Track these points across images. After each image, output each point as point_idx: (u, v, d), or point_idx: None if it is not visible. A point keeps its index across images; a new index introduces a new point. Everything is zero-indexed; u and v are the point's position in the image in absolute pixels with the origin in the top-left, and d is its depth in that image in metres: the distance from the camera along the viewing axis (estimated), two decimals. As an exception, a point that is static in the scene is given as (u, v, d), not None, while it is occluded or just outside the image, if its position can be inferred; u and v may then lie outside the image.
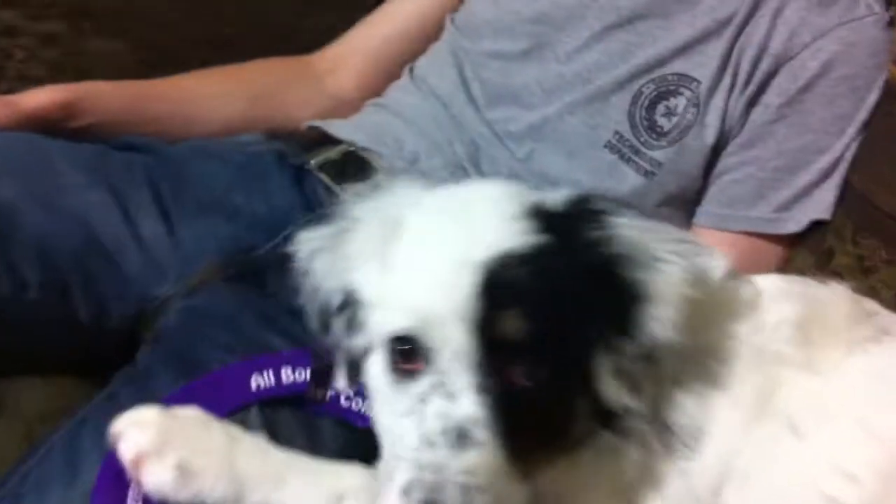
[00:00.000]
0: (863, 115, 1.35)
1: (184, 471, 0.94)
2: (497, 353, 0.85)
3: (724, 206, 1.36)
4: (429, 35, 1.60)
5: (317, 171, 1.42)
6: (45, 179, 1.23)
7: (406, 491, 0.81)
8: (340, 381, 0.99)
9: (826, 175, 1.35)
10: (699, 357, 0.94)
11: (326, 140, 1.48)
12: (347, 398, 1.09)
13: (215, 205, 1.33)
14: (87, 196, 1.25)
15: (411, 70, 1.57)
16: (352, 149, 1.45)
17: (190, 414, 0.98)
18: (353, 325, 0.95)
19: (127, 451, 0.94)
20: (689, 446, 0.93)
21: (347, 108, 1.55)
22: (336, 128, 1.48)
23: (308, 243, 1.00)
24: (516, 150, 1.41)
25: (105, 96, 1.39)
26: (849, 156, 1.36)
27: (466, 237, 0.90)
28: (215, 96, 1.51)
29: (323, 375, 1.09)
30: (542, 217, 0.91)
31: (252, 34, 2.02)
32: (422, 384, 0.87)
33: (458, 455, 0.82)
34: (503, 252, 0.87)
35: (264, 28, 2.07)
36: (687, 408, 0.93)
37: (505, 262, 0.86)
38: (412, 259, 0.92)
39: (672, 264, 0.90)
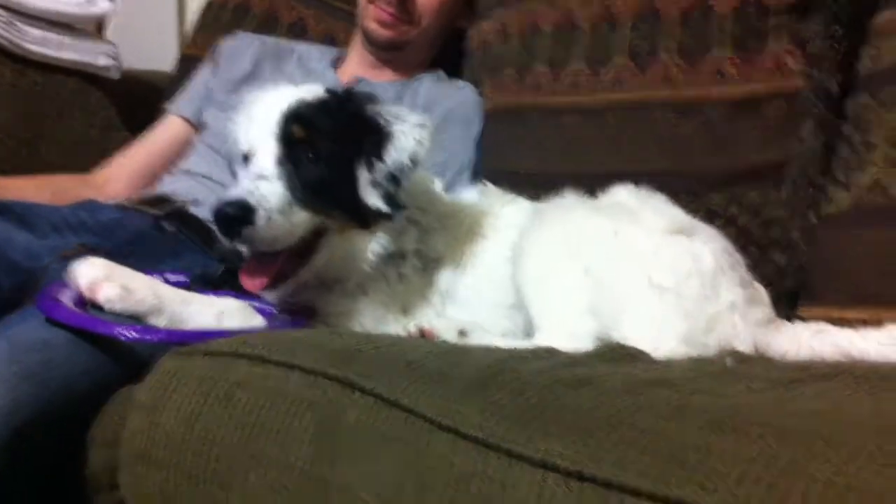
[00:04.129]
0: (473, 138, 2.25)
1: (126, 289, 1.46)
2: (289, 147, 1.53)
3: None
4: (174, 155, 2.39)
5: (130, 204, 2.03)
6: None
7: (220, 205, 1.43)
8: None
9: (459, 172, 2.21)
10: (437, 218, 1.73)
11: None
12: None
13: (62, 224, 1.87)
14: None
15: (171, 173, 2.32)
16: (153, 194, 2.08)
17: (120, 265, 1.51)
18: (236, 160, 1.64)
19: (84, 278, 1.46)
20: (435, 265, 1.69)
21: None
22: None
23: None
24: None
25: None
26: (471, 161, 2.23)
27: (281, 98, 1.59)
28: (27, 190, 2.15)
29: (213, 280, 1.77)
30: (333, 93, 1.63)
31: (64, 152, 2.58)
32: (249, 167, 1.53)
33: (253, 182, 1.48)
34: (298, 100, 1.57)
35: (74, 147, 2.60)
36: (434, 244, 1.70)
37: (298, 104, 1.56)
38: (254, 113, 1.61)
39: (411, 124, 1.59)
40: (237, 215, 1.42)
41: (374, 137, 1.57)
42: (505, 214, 1.79)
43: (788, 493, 0.79)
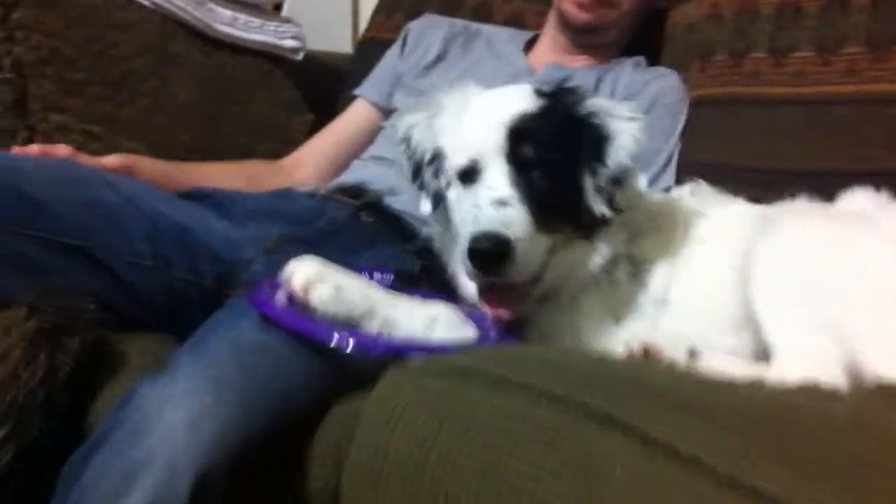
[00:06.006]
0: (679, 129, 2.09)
1: (339, 290, 1.38)
2: (520, 166, 1.42)
3: None
4: (365, 141, 2.30)
5: (326, 193, 1.94)
6: (140, 193, 1.71)
7: (474, 239, 1.34)
8: (426, 207, 1.58)
9: (666, 165, 2.05)
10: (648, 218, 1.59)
11: None
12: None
13: (260, 212, 1.82)
14: (173, 203, 1.76)
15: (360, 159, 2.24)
16: (349, 182, 2.05)
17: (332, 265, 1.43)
18: (437, 172, 1.54)
19: (298, 279, 1.37)
20: (647, 270, 1.55)
21: None
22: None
23: (408, 121, 1.62)
24: None
25: (148, 166, 1.93)
26: (676, 153, 2.07)
27: (499, 107, 1.49)
28: (222, 176, 2.10)
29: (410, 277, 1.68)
30: (542, 93, 1.51)
31: (248, 134, 2.53)
32: (477, 188, 1.44)
33: (500, 210, 1.38)
34: (520, 112, 1.46)
35: (258, 128, 2.56)
36: (645, 246, 1.56)
37: (521, 117, 1.46)
38: (471, 123, 1.50)
39: (625, 119, 1.49)
40: (497, 251, 1.34)
41: (593, 140, 1.47)
42: (724, 217, 1.65)
43: None
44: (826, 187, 1.63)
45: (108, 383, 1.41)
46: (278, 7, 3.13)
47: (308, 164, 2.30)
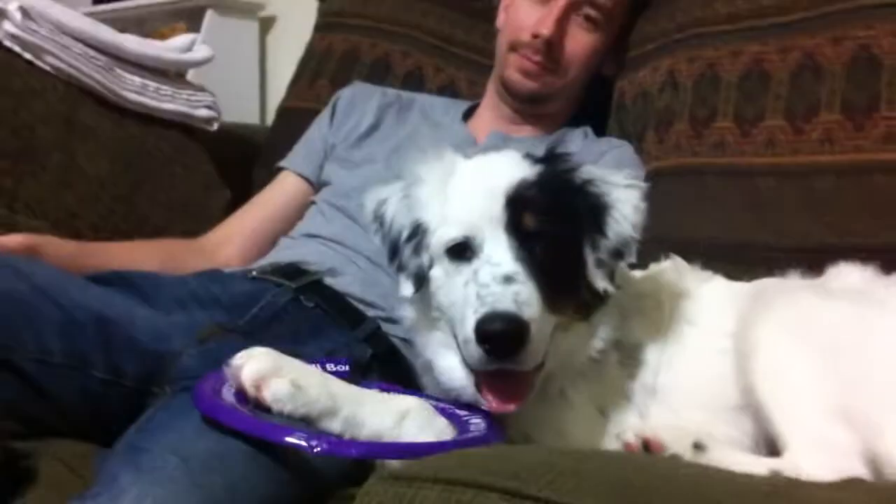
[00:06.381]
0: None
1: (296, 385, 1.21)
2: (522, 238, 1.29)
3: None
4: (292, 217, 2.11)
5: (260, 274, 1.73)
6: (53, 282, 1.49)
7: (485, 320, 1.19)
8: (407, 290, 1.39)
9: None
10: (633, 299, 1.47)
11: None
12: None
13: (188, 298, 1.63)
14: (89, 291, 1.54)
15: (289, 236, 2.04)
16: (283, 262, 1.85)
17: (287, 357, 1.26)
18: (419, 248, 1.37)
19: (249, 373, 1.20)
20: (636, 356, 1.43)
21: None
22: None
23: (378, 195, 1.46)
24: None
25: (54, 247, 1.75)
26: None
27: (493, 174, 1.37)
28: (136, 256, 1.91)
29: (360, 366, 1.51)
30: (534, 159, 1.41)
31: (163, 211, 2.33)
32: (475, 264, 1.29)
33: (508, 287, 1.22)
34: (518, 179, 1.34)
35: (174, 205, 2.36)
36: (633, 331, 1.45)
37: (520, 185, 1.33)
38: (461, 192, 1.37)
39: (623, 186, 1.39)
40: (513, 332, 1.19)
41: (591, 210, 1.36)
42: (714, 296, 1.54)
43: None
44: (806, 262, 1.55)
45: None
46: (181, 75, 2.94)
47: (232, 243, 2.10)
